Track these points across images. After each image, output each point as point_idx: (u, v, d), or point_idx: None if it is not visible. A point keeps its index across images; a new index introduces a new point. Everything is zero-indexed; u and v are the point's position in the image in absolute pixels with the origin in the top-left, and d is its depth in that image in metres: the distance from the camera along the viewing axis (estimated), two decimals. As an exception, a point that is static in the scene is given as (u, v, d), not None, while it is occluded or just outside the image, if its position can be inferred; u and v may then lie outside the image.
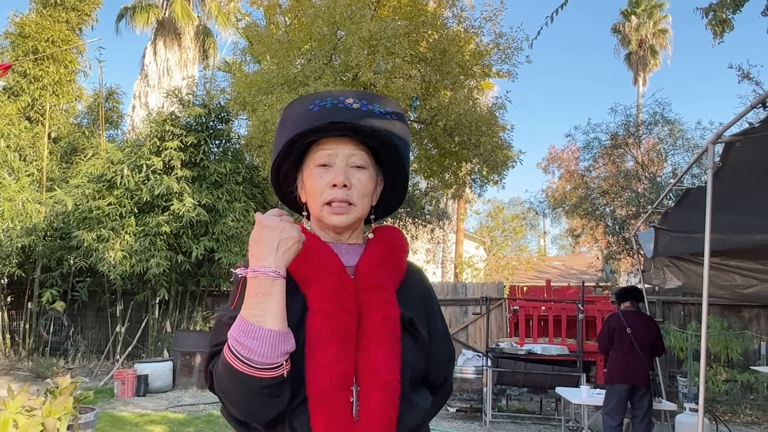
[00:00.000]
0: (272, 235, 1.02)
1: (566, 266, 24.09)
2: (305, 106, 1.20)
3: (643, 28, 25.50)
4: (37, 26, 12.16)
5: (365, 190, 1.19)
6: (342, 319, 1.07)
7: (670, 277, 6.16)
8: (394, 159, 1.23)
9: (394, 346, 1.10)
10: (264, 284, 1.00)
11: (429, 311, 1.24)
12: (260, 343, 0.97)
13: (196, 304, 10.79)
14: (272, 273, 1.00)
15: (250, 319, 0.98)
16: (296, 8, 10.26)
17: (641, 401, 5.44)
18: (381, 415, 1.05)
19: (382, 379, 1.06)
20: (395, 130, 1.21)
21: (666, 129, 11.81)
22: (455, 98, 9.59)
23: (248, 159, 11.04)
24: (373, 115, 1.19)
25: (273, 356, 0.97)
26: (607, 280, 15.08)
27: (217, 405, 8.12)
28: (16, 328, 11.30)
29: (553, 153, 27.23)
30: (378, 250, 1.21)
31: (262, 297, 0.99)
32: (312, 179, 1.19)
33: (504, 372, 7.11)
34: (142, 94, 18.45)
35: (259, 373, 0.97)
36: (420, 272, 1.31)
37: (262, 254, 1.01)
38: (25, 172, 11.14)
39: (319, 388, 1.03)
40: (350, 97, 1.20)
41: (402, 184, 1.30)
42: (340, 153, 1.17)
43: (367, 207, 1.21)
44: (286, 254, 1.03)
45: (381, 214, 1.31)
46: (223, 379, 1.01)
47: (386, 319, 1.11)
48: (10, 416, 3.67)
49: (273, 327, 0.98)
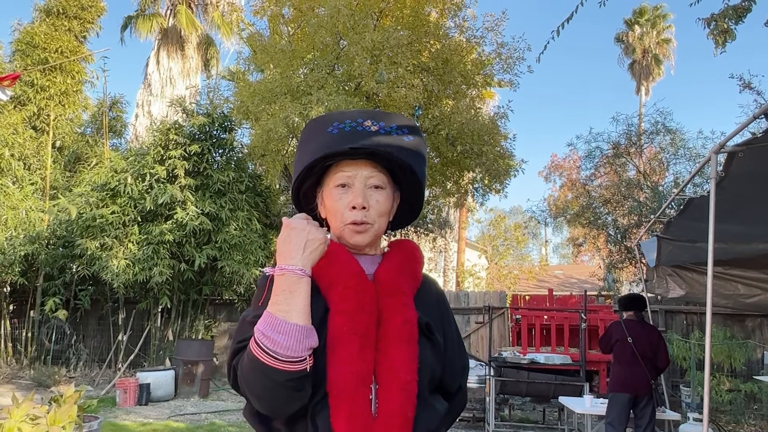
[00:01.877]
0: (299, 236, 1.09)
1: (567, 275, 24.06)
2: (325, 128, 1.25)
3: (646, 37, 25.59)
4: (47, 36, 12.25)
5: (382, 210, 1.23)
6: (362, 320, 1.12)
7: (673, 287, 6.16)
8: (411, 180, 1.29)
9: (411, 348, 1.13)
10: (291, 281, 1.05)
11: (444, 320, 1.28)
12: (286, 337, 1.01)
13: (198, 312, 10.79)
14: (299, 271, 1.06)
15: (277, 314, 1.03)
16: (299, 18, 10.33)
17: (644, 411, 5.42)
18: (399, 413, 1.09)
19: (400, 379, 1.10)
20: (413, 153, 1.26)
21: (668, 138, 11.85)
22: (457, 107, 9.63)
23: (251, 168, 11.08)
24: (391, 137, 1.23)
25: (298, 350, 1.02)
26: (609, 289, 15.06)
27: (220, 414, 8.11)
28: (18, 336, 11.29)
29: (555, 162, 27.29)
30: (397, 260, 1.26)
31: (288, 293, 1.05)
32: (332, 199, 1.24)
33: (507, 381, 7.09)
34: (145, 103, 18.54)
35: (284, 366, 1.01)
36: (435, 283, 1.35)
37: (290, 253, 1.07)
38: (28, 181, 11.18)
39: (341, 384, 1.07)
40: (368, 120, 1.25)
41: (418, 201, 1.35)
42: (358, 175, 1.22)
43: (384, 225, 1.26)
44: (312, 254, 1.09)
45: (395, 227, 1.36)
46: (248, 372, 1.05)
47: (405, 321, 1.15)
48: (14, 425, 3.67)
49: (298, 322, 1.03)
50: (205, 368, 9.10)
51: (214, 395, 9.30)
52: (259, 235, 10.02)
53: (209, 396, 9.17)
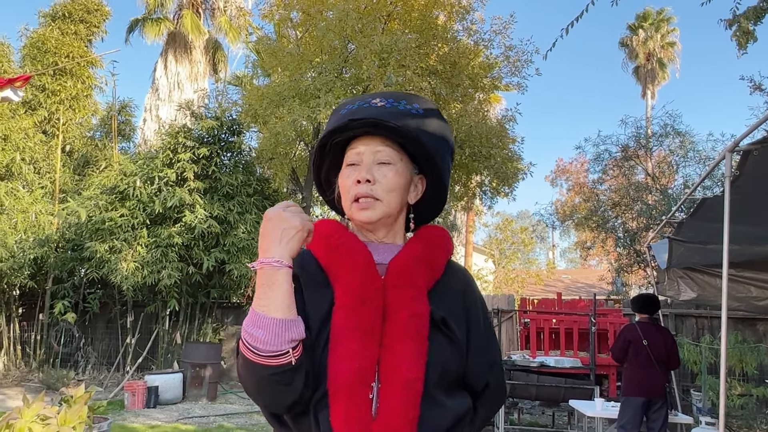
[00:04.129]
0: (276, 227, 1.06)
1: (574, 279, 23.97)
2: (338, 111, 1.26)
3: (650, 41, 25.49)
4: (57, 42, 12.33)
5: (390, 185, 1.17)
6: (366, 314, 1.08)
7: (685, 289, 6.10)
8: (421, 153, 1.21)
9: (419, 344, 1.08)
10: (268, 274, 1.03)
11: (470, 313, 1.20)
12: (264, 332, 1.00)
13: (206, 315, 10.80)
14: (275, 263, 1.03)
15: (258, 309, 1.02)
16: (307, 22, 10.37)
17: (657, 414, 5.35)
18: (400, 413, 1.04)
19: (403, 377, 1.05)
20: (421, 125, 1.20)
21: (677, 141, 11.78)
22: (465, 110, 9.62)
23: (259, 171, 11.10)
24: (397, 110, 1.19)
25: (276, 344, 1.00)
26: (618, 293, 14.98)
27: (228, 417, 8.12)
28: (27, 339, 11.33)
29: (561, 166, 27.22)
30: (415, 248, 1.20)
31: (267, 287, 1.03)
32: (342, 178, 1.22)
33: (516, 384, 7.04)
34: (153, 107, 18.62)
35: (265, 361, 1.00)
36: (465, 273, 1.28)
37: (268, 246, 1.05)
38: (38, 185, 11.24)
39: (339, 382, 1.04)
40: (378, 98, 1.23)
41: (440, 185, 1.27)
42: (367, 150, 1.19)
43: (395, 203, 1.19)
44: (290, 243, 1.05)
45: (419, 221, 1.28)
46: (240, 369, 1.06)
47: (412, 315, 1.10)
48: (25, 425, 3.67)
49: (277, 315, 1.01)
50: (213, 371, 9.10)
51: (222, 398, 9.30)
52: (267, 238, 10.01)
53: (217, 399, 9.16)
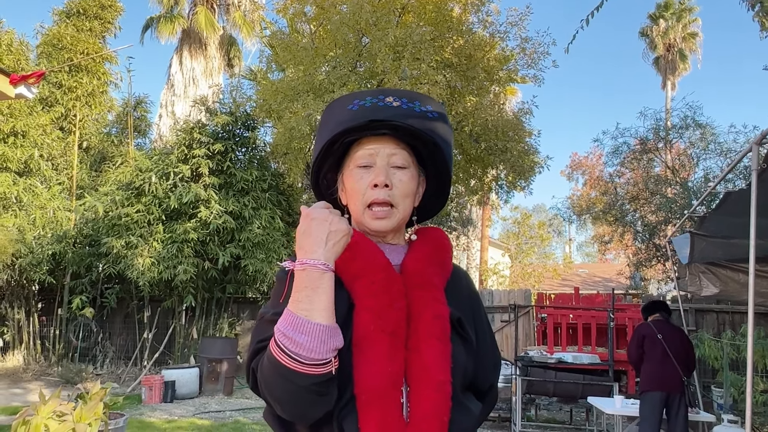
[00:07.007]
0: (321, 227, 0.98)
1: (591, 274, 23.74)
2: (345, 106, 1.18)
3: (671, 31, 25.05)
4: (72, 39, 12.42)
5: (407, 191, 1.14)
6: (391, 316, 1.03)
7: (707, 284, 5.98)
8: (436, 158, 1.19)
9: (444, 345, 1.05)
10: (313, 277, 0.95)
11: (475, 314, 1.20)
12: (309, 338, 0.92)
13: (222, 311, 10.84)
14: (321, 266, 0.96)
15: (299, 313, 0.94)
16: (321, 16, 10.31)
17: (677, 411, 5.27)
18: (433, 416, 1.00)
19: (434, 379, 1.02)
20: (437, 129, 1.17)
21: (698, 133, 11.54)
22: (481, 104, 9.52)
23: (274, 166, 11.10)
24: (414, 113, 1.15)
25: (322, 351, 0.93)
26: (636, 288, 14.79)
27: (244, 412, 8.13)
28: (46, 334, 11.48)
29: (576, 160, 26.94)
30: (425, 249, 1.17)
31: (311, 290, 0.95)
32: (352, 180, 1.15)
33: (534, 381, 6.97)
34: (168, 103, 18.71)
35: (307, 370, 0.93)
36: (466, 275, 1.27)
37: (311, 246, 0.97)
38: (56, 181, 11.33)
39: (370, 387, 0.99)
40: (390, 96, 1.17)
41: (445, 186, 1.26)
42: (381, 152, 1.14)
43: (409, 208, 1.17)
44: (335, 247, 0.99)
45: (422, 217, 1.27)
46: (269, 375, 0.97)
47: (437, 317, 1.07)
48: (41, 421, 3.69)
49: (322, 321, 0.94)
50: (229, 366, 9.13)
51: (239, 393, 9.33)
52: (282, 234, 10.02)
53: (233, 394, 9.19)
